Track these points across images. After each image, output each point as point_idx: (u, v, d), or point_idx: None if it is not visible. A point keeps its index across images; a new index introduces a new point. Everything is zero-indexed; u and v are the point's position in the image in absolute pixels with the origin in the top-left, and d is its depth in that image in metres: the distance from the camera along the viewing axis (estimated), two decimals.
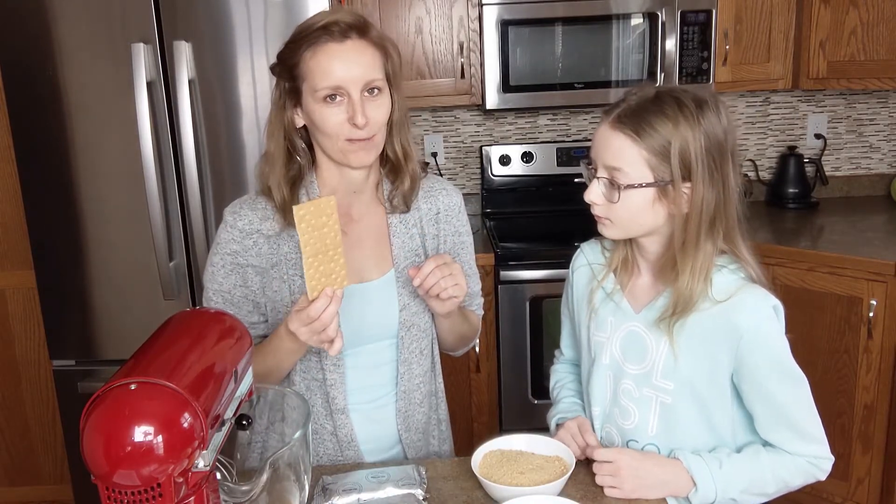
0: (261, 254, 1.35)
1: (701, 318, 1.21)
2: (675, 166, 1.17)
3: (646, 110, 1.18)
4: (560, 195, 3.08)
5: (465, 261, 1.50)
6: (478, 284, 1.56)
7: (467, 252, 1.51)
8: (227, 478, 1.08)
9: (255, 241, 1.35)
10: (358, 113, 1.24)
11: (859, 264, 2.33)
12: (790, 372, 1.22)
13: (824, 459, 1.24)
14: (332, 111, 1.26)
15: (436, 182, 1.48)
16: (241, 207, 1.36)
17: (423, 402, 1.46)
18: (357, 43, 1.26)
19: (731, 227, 1.24)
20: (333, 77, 1.24)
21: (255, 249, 1.35)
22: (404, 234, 1.41)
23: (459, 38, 2.75)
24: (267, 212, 1.35)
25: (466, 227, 1.50)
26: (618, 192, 1.20)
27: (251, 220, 1.35)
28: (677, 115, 1.17)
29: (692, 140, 1.17)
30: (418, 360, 1.43)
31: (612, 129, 1.20)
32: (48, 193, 2.28)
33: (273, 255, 1.35)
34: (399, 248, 1.40)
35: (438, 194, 1.46)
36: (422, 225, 1.43)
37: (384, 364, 1.42)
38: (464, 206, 1.50)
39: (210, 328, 1.05)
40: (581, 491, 1.24)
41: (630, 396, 1.30)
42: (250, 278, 1.36)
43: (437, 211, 1.45)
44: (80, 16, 2.17)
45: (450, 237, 1.47)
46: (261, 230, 1.34)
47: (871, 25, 2.60)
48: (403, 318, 1.40)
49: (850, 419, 2.41)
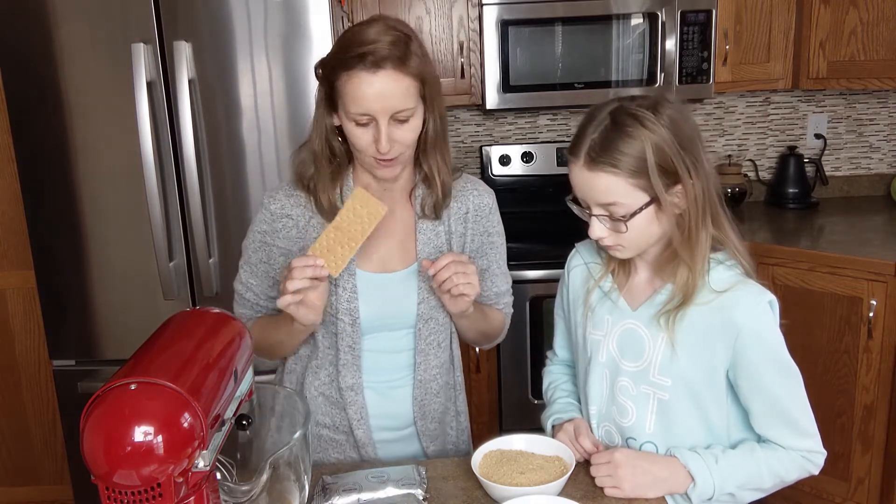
0: (289, 237, 1.43)
1: (699, 312, 1.22)
2: (661, 176, 1.17)
3: (611, 139, 1.18)
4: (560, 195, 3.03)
5: (494, 260, 1.54)
6: (507, 284, 1.58)
7: (497, 252, 1.54)
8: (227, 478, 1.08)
9: (285, 224, 1.43)
10: (383, 141, 1.29)
11: (859, 264, 2.33)
12: (786, 367, 1.23)
13: (817, 454, 1.25)
14: (360, 132, 1.31)
15: (468, 182, 1.51)
16: (277, 192, 1.45)
17: (439, 393, 1.50)
18: (390, 74, 1.27)
19: (716, 211, 1.24)
20: (363, 106, 1.28)
21: (284, 232, 1.43)
22: (430, 230, 1.45)
23: (459, 38, 2.75)
24: (300, 199, 1.42)
25: (497, 227, 1.53)
26: (623, 223, 1.21)
27: (284, 205, 1.43)
28: (639, 130, 1.17)
29: (663, 144, 1.17)
30: (435, 352, 1.47)
31: (590, 171, 1.20)
32: (48, 193, 2.28)
33: (301, 239, 1.42)
34: (424, 244, 1.44)
35: (469, 194, 1.49)
36: (449, 223, 1.46)
37: (402, 351, 1.47)
38: (496, 206, 1.53)
39: (210, 328, 1.05)
40: (581, 491, 1.24)
41: (627, 394, 1.30)
42: (274, 257, 1.44)
43: (466, 210, 1.48)
44: (80, 16, 2.17)
45: (477, 237, 1.50)
46: (291, 215, 1.42)
47: (871, 25, 2.60)
48: (422, 310, 1.44)
49: (850, 419, 2.41)
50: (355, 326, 1.41)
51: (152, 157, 2.20)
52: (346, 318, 1.41)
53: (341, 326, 1.41)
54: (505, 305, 1.60)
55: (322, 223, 1.40)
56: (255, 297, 1.48)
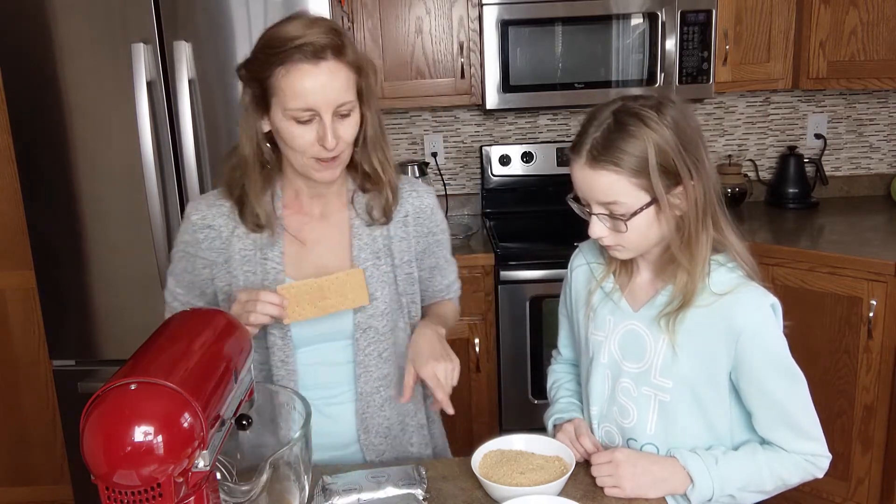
0: (212, 248, 1.38)
1: (700, 314, 1.22)
2: (662, 176, 1.17)
3: (613, 139, 1.17)
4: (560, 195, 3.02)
5: (442, 256, 1.52)
6: (454, 272, 1.58)
7: (442, 247, 1.52)
8: (227, 478, 1.08)
9: (207, 235, 1.38)
10: (328, 136, 1.24)
11: (859, 264, 2.33)
12: (788, 370, 1.22)
13: (822, 457, 1.25)
14: (300, 130, 1.25)
15: (406, 184, 1.47)
16: (200, 202, 1.41)
17: (383, 406, 1.43)
18: (331, 65, 1.23)
19: (716, 212, 1.24)
20: (306, 100, 1.22)
21: (207, 244, 1.38)
22: (367, 235, 1.40)
23: (459, 38, 2.75)
24: (223, 209, 1.38)
25: (441, 225, 1.50)
26: (623, 223, 1.20)
27: (206, 215, 1.38)
28: (642, 129, 1.16)
29: (665, 145, 1.17)
30: (377, 363, 1.41)
31: (591, 169, 1.19)
32: (48, 193, 2.28)
33: (224, 250, 1.38)
34: (360, 249, 1.39)
35: (409, 196, 1.45)
36: (388, 227, 1.42)
37: (342, 364, 1.41)
38: (437, 204, 1.50)
39: (210, 328, 1.05)
40: (581, 491, 1.24)
41: (628, 395, 1.30)
42: (198, 269, 1.41)
43: (405, 213, 1.44)
44: (80, 16, 2.17)
45: (422, 238, 1.47)
46: (213, 226, 1.38)
47: (871, 25, 2.60)
48: (358, 320, 1.39)
49: (850, 419, 2.41)
50: (286, 340, 1.37)
51: (152, 157, 2.20)
52: (276, 332, 1.36)
53: (272, 340, 1.37)
54: (454, 293, 1.59)
55: (246, 234, 1.36)
56: (183, 307, 1.43)
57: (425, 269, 1.50)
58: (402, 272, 1.44)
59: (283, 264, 1.37)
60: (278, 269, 1.36)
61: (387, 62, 2.77)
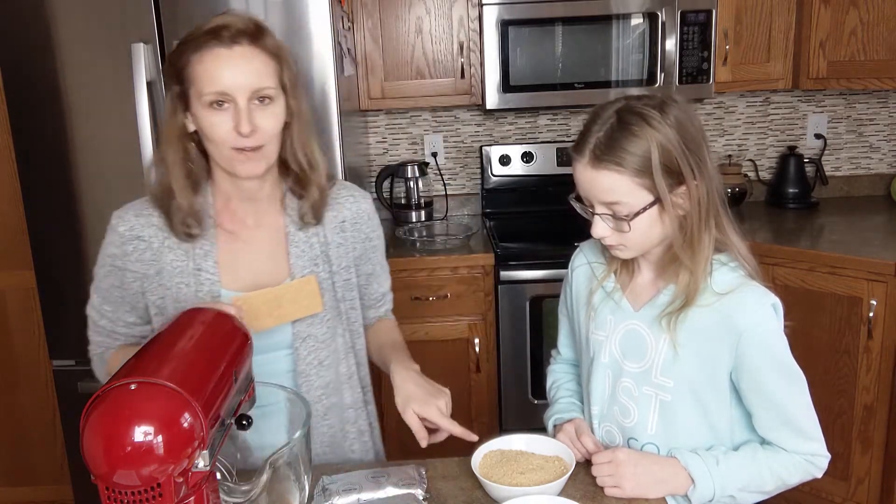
0: (142, 260, 1.33)
1: (702, 313, 1.22)
2: (666, 176, 1.17)
3: (616, 138, 1.17)
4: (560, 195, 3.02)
5: (378, 262, 1.52)
6: (388, 281, 1.57)
7: (378, 253, 1.51)
8: (227, 478, 1.08)
9: (136, 247, 1.32)
10: (243, 120, 1.20)
11: (859, 264, 2.33)
12: (789, 370, 1.23)
13: (821, 457, 1.25)
14: (218, 118, 1.22)
15: (342, 189, 1.45)
16: (126, 212, 1.35)
17: (327, 414, 1.42)
18: (246, 49, 1.22)
19: (718, 212, 1.24)
20: (219, 83, 1.20)
21: (136, 255, 1.33)
22: (304, 242, 1.37)
23: (459, 38, 2.75)
24: (152, 219, 1.33)
25: (377, 231, 1.49)
26: (626, 222, 1.20)
27: (133, 225, 1.33)
28: (645, 129, 1.16)
29: (668, 144, 1.16)
30: (317, 371, 1.39)
31: (594, 169, 1.19)
32: (48, 193, 2.28)
33: (156, 262, 1.33)
34: (297, 256, 1.37)
35: (345, 202, 1.43)
36: (325, 233, 1.40)
37: (282, 374, 1.38)
38: (374, 209, 1.49)
39: (210, 329, 1.05)
40: (581, 491, 1.24)
41: (629, 394, 1.30)
42: (128, 282, 1.34)
43: (342, 219, 1.42)
44: (80, 16, 2.17)
45: (359, 244, 1.45)
46: (142, 237, 1.32)
47: (871, 25, 2.60)
48: (297, 329, 1.36)
49: (850, 419, 2.41)
50: None
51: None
52: None
53: None
54: (389, 303, 1.59)
55: (178, 244, 1.32)
56: (111, 325, 1.38)
57: (362, 276, 1.49)
58: (340, 278, 1.42)
59: (217, 275, 1.32)
60: (213, 280, 1.32)
61: (387, 62, 2.77)
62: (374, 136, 3.18)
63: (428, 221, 3.09)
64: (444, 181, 3.19)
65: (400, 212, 3.11)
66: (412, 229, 2.99)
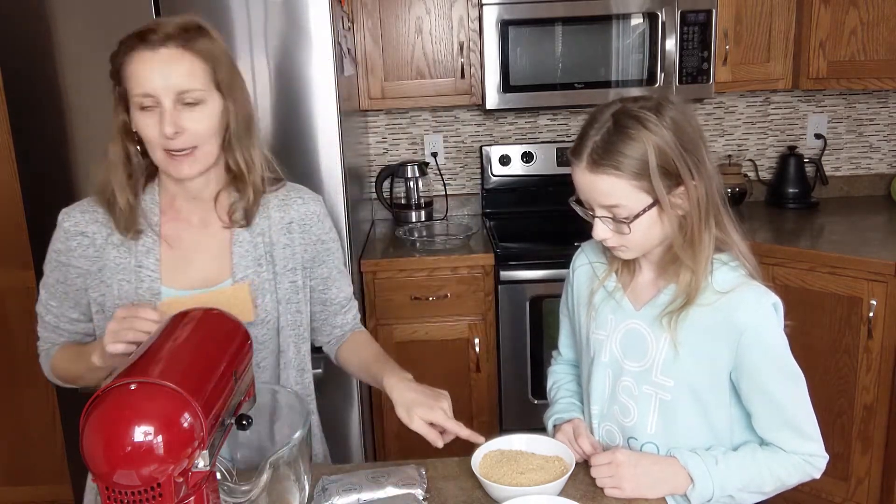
0: (85, 255, 1.34)
1: (702, 313, 1.22)
2: (663, 178, 1.17)
3: (613, 142, 1.17)
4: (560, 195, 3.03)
5: (335, 266, 1.49)
6: (349, 286, 1.54)
7: (333, 256, 1.48)
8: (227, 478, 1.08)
9: (80, 242, 1.34)
10: (166, 123, 1.22)
11: (859, 264, 2.33)
12: (789, 370, 1.23)
13: (819, 457, 1.25)
14: (147, 120, 1.24)
15: (292, 191, 1.44)
16: (73, 209, 1.36)
17: None
18: (173, 52, 1.23)
19: (719, 212, 1.24)
20: (145, 85, 1.22)
21: (80, 251, 1.34)
22: (248, 242, 1.37)
23: (459, 38, 2.75)
24: (97, 215, 1.34)
25: (330, 233, 1.47)
26: (626, 225, 1.20)
27: (78, 221, 1.34)
28: (642, 132, 1.17)
29: (665, 146, 1.17)
30: (256, 373, 1.36)
31: (592, 173, 1.20)
32: (48, 193, 2.28)
33: (98, 259, 1.34)
34: (241, 256, 1.36)
35: (293, 203, 1.42)
36: (271, 234, 1.39)
37: None
38: (325, 212, 1.46)
39: (210, 328, 1.05)
40: (581, 491, 1.24)
41: (629, 394, 1.30)
42: (71, 278, 1.35)
43: (290, 220, 1.41)
44: (80, 16, 2.17)
45: (310, 246, 1.43)
46: (86, 233, 1.33)
47: (871, 25, 2.60)
48: None
49: (850, 419, 2.41)
50: None
51: None
52: None
53: None
54: (356, 310, 1.55)
55: (122, 241, 1.32)
56: (56, 320, 1.39)
57: (318, 280, 1.47)
58: (284, 280, 1.40)
59: (158, 272, 1.32)
60: (153, 278, 1.32)
61: (387, 62, 2.77)
62: (374, 136, 3.18)
63: (428, 221, 3.09)
64: (444, 181, 3.19)
65: (400, 212, 3.11)
66: (412, 229, 2.99)
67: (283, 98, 2.22)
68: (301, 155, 2.21)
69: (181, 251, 1.34)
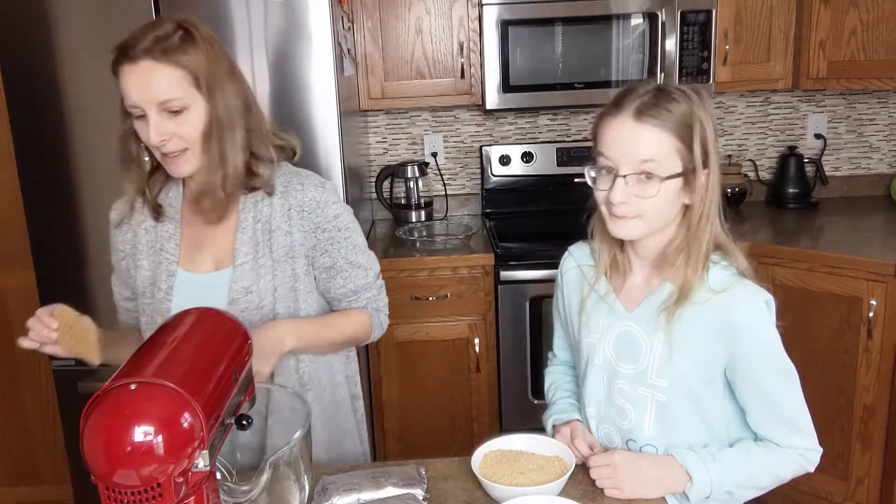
0: (125, 241, 1.50)
1: (696, 311, 1.22)
2: (698, 153, 1.19)
3: (662, 100, 1.19)
4: (560, 195, 3.08)
5: (341, 255, 1.45)
6: (365, 277, 1.49)
7: (340, 246, 1.45)
8: (227, 478, 1.08)
9: (122, 229, 1.50)
10: (151, 132, 1.29)
11: (859, 264, 2.33)
12: (782, 366, 1.24)
13: (814, 451, 1.26)
14: (141, 126, 1.33)
15: (294, 176, 1.44)
16: (118, 202, 1.52)
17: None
18: (150, 64, 1.28)
19: (720, 210, 1.25)
20: (130, 97, 1.30)
21: (121, 237, 1.50)
22: (251, 228, 1.41)
23: (459, 38, 2.75)
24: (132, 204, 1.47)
25: (334, 221, 1.44)
26: (657, 184, 1.18)
27: (121, 211, 1.50)
28: (691, 103, 1.19)
29: (706, 126, 1.20)
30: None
31: (637, 122, 1.18)
32: (48, 193, 2.28)
33: (133, 241, 1.48)
34: (242, 243, 1.41)
35: (293, 189, 1.42)
36: (271, 221, 1.41)
37: None
38: (329, 198, 1.44)
39: (210, 328, 1.05)
40: (581, 491, 1.24)
41: (625, 396, 1.30)
42: (118, 261, 1.53)
43: (289, 207, 1.42)
44: (80, 16, 2.17)
45: (310, 234, 1.42)
46: (125, 219, 1.49)
47: (871, 25, 2.60)
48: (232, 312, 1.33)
49: (849, 419, 2.41)
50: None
51: None
52: (159, 320, 1.38)
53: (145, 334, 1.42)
54: (368, 301, 1.50)
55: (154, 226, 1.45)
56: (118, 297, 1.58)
57: (321, 269, 1.46)
58: (281, 266, 1.41)
59: (177, 256, 1.44)
60: (171, 261, 1.43)
61: (387, 62, 2.77)
62: (373, 136, 3.18)
63: (428, 221, 3.09)
64: (444, 181, 3.19)
65: (400, 212, 3.11)
66: (412, 229, 2.99)
67: (283, 98, 2.22)
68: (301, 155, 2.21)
69: (198, 238, 1.43)
